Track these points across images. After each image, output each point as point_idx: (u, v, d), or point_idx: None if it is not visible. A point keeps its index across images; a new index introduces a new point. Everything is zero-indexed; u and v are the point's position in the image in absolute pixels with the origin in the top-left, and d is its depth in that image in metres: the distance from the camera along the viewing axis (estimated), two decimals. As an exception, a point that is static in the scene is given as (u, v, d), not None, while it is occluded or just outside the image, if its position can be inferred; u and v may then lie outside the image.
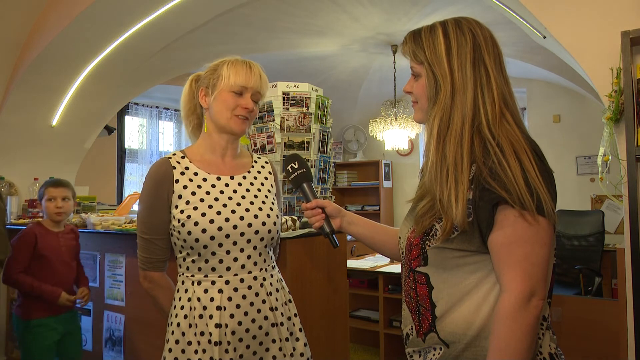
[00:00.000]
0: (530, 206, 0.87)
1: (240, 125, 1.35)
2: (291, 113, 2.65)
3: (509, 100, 0.98)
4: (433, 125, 0.99)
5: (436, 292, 0.97)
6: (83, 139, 3.89)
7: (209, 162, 1.39)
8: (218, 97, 1.34)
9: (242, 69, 1.34)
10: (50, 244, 2.36)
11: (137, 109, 5.40)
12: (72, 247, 2.46)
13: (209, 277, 1.30)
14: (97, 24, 2.91)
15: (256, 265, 1.33)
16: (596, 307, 3.04)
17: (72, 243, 2.46)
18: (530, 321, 0.87)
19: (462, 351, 0.94)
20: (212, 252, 1.29)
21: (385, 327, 3.56)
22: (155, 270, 1.38)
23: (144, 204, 1.36)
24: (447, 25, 1.01)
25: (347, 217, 1.32)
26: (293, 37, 4.22)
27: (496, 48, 1.00)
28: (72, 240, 2.48)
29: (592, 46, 1.93)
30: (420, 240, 0.99)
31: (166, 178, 1.33)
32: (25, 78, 3.19)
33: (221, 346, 1.26)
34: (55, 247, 2.37)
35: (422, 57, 1.01)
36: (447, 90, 0.98)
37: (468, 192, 0.92)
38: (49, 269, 2.33)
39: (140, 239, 1.37)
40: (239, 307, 1.29)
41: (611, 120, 1.79)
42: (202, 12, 3.06)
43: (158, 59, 3.64)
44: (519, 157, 0.90)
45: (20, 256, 2.28)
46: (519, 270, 0.88)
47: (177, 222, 1.30)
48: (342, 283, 2.18)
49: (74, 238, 2.49)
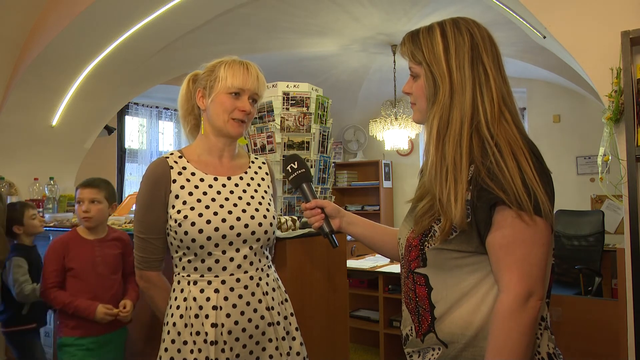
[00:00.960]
0: (528, 207, 0.87)
1: (237, 129, 1.35)
2: (291, 113, 2.65)
3: (508, 100, 0.99)
4: (432, 125, 0.99)
5: (435, 293, 0.97)
6: (83, 139, 3.88)
7: (206, 162, 1.39)
8: (215, 100, 1.34)
9: (239, 70, 1.33)
10: (81, 254, 2.05)
11: (137, 109, 5.40)
12: (111, 257, 2.09)
13: (205, 277, 1.30)
14: (97, 24, 2.91)
15: (252, 265, 1.33)
16: (596, 307, 3.04)
17: (112, 252, 2.10)
18: (528, 321, 0.87)
19: (460, 351, 0.94)
20: (209, 252, 1.29)
21: (385, 327, 3.56)
22: (152, 269, 1.38)
23: (141, 203, 1.36)
24: (445, 26, 1.01)
25: (346, 217, 1.32)
26: (293, 37, 4.22)
27: (494, 47, 1.01)
28: (115, 249, 2.12)
29: (592, 46, 1.93)
30: (419, 241, 0.99)
31: (163, 177, 1.33)
32: (25, 78, 3.19)
33: (217, 345, 1.26)
34: (87, 257, 2.05)
35: (421, 58, 1.01)
36: (445, 90, 0.98)
37: (467, 192, 0.92)
38: (82, 283, 2.01)
39: (136, 238, 1.37)
40: (235, 306, 1.29)
41: (611, 120, 1.79)
42: (202, 12, 3.06)
43: (158, 59, 3.64)
44: (516, 158, 0.90)
45: (49, 268, 2.02)
46: (517, 270, 0.88)
47: (174, 222, 1.30)
48: (342, 283, 2.18)
49: (117, 247, 2.13)
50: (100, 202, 2.09)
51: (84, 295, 1.99)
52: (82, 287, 2.01)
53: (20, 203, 2.61)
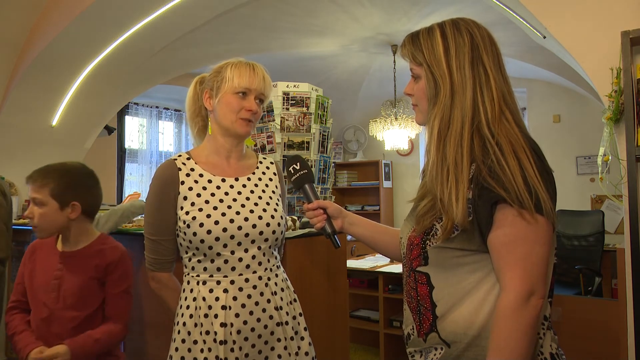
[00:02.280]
0: (529, 205, 0.87)
1: (244, 128, 1.36)
2: (291, 113, 2.65)
3: (509, 99, 0.99)
4: (433, 125, 0.99)
5: (437, 292, 0.97)
6: (83, 139, 3.89)
7: (214, 164, 1.39)
8: (222, 100, 1.34)
9: (245, 71, 1.34)
10: (40, 270, 1.53)
11: (137, 109, 5.40)
12: (76, 283, 1.50)
13: (214, 277, 1.31)
14: (97, 24, 2.91)
15: (261, 265, 1.34)
16: (596, 307, 3.04)
17: (80, 277, 1.51)
18: (530, 320, 0.87)
19: (463, 351, 0.94)
20: (217, 252, 1.29)
21: (385, 327, 3.56)
22: (163, 270, 1.39)
23: (150, 205, 1.37)
24: (445, 27, 1.01)
25: (348, 217, 1.32)
26: (293, 37, 4.22)
27: (494, 48, 1.01)
28: (87, 271, 1.52)
29: (592, 46, 1.93)
30: (421, 239, 0.99)
31: (172, 179, 1.34)
32: (25, 78, 3.19)
33: (226, 345, 1.27)
34: (43, 276, 1.51)
35: (421, 59, 1.02)
36: (446, 91, 0.98)
37: (468, 191, 0.92)
38: (33, 310, 1.53)
39: (147, 240, 1.38)
40: (244, 306, 1.29)
41: (611, 120, 1.79)
42: (202, 12, 3.07)
43: (158, 59, 3.64)
44: (517, 156, 0.90)
45: (16, 280, 1.58)
46: (518, 269, 0.88)
47: (183, 224, 1.31)
48: (342, 283, 2.18)
49: (93, 269, 1.52)
50: (43, 204, 1.49)
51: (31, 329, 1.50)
52: (33, 316, 1.51)
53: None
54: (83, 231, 1.58)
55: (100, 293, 1.55)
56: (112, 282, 1.55)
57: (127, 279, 1.61)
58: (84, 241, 1.57)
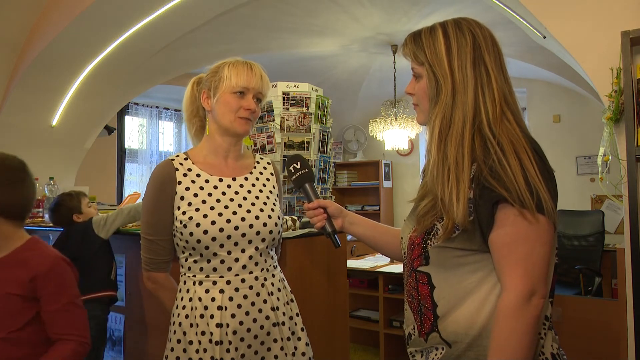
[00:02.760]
0: (530, 205, 0.87)
1: (243, 126, 1.36)
2: (291, 113, 2.65)
3: (510, 99, 0.99)
4: (434, 125, 0.99)
5: (438, 292, 0.97)
6: (83, 139, 3.89)
7: (211, 164, 1.39)
8: (220, 99, 1.34)
9: (243, 70, 1.34)
10: None
11: (137, 109, 5.40)
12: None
13: (210, 278, 1.30)
14: (97, 24, 2.91)
15: (257, 265, 1.34)
16: (596, 307, 3.04)
17: (2, 290, 1.22)
18: (531, 320, 0.87)
19: (464, 351, 0.94)
20: (214, 253, 1.29)
21: (385, 327, 3.56)
22: (159, 271, 1.39)
23: (147, 205, 1.37)
24: (447, 26, 1.01)
25: (348, 217, 1.32)
26: (293, 37, 4.22)
27: (496, 48, 1.01)
28: (10, 285, 1.22)
29: (592, 46, 1.93)
30: (422, 239, 0.99)
31: (169, 179, 1.34)
32: (25, 78, 3.19)
33: (222, 345, 1.26)
34: None
35: (423, 58, 1.01)
36: (448, 90, 0.98)
37: (469, 191, 0.92)
38: None
39: (144, 240, 1.38)
40: (240, 307, 1.29)
41: (611, 120, 1.79)
42: (202, 12, 3.07)
43: (158, 59, 3.64)
44: (519, 156, 0.90)
45: None
46: (519, 268, 0.88)
47: (180, 224, 1.30)
48: (342, 283, 2.18)
49: (18, 283, 1.22)
50: None
51: None
52: None
53: (76, 192, 2.37)
54: (1, 236, 1.27)
55: (27, 310, 1.23)
56: (47, 297, 1.23)
57: (67, 290, 1.29)
58: (3, 248, 1.27)
